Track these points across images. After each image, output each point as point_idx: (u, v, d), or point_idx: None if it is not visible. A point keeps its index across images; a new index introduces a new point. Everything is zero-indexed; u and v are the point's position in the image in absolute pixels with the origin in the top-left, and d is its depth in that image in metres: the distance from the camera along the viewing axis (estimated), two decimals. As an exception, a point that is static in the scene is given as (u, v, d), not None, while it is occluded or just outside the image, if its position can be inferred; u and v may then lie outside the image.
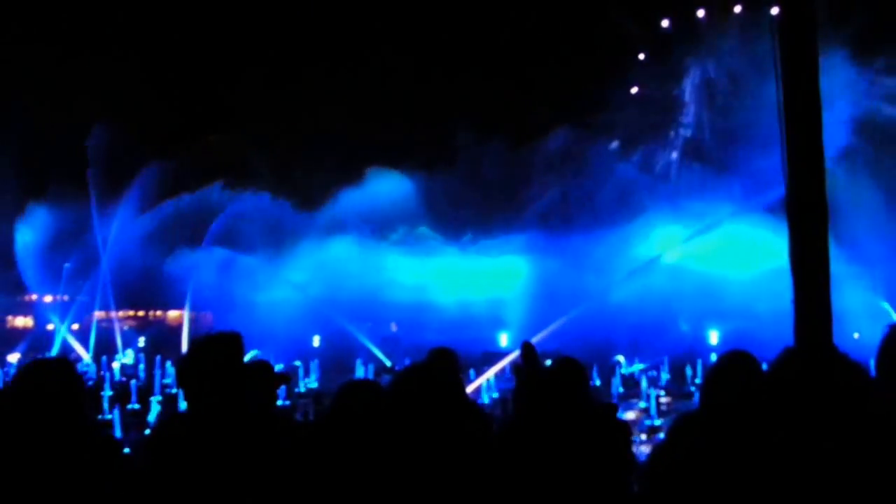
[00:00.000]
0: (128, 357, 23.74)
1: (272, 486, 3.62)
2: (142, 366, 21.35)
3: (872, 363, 3.94)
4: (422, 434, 3.69)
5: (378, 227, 27.58)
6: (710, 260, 24.06)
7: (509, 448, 4.43)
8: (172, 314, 30.63)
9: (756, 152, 26.88)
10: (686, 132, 32.14)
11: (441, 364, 5.18)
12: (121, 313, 28.97)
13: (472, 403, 4.25)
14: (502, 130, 28.19)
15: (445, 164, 28.22)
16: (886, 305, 24.04)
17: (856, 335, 19.03)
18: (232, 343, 3.65)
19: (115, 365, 21.75)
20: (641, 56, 33.31)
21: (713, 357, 19.08)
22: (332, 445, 3.82)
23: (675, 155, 31.12)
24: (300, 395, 17.95)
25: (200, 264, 26.07)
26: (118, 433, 11.77)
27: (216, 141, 30.12)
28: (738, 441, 3.89)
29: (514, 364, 10.43)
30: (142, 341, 26.22)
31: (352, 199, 27.14)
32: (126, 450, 4.34)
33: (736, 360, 4.27)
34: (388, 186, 27.24)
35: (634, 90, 33.43)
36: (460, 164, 28.32)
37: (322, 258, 26.08)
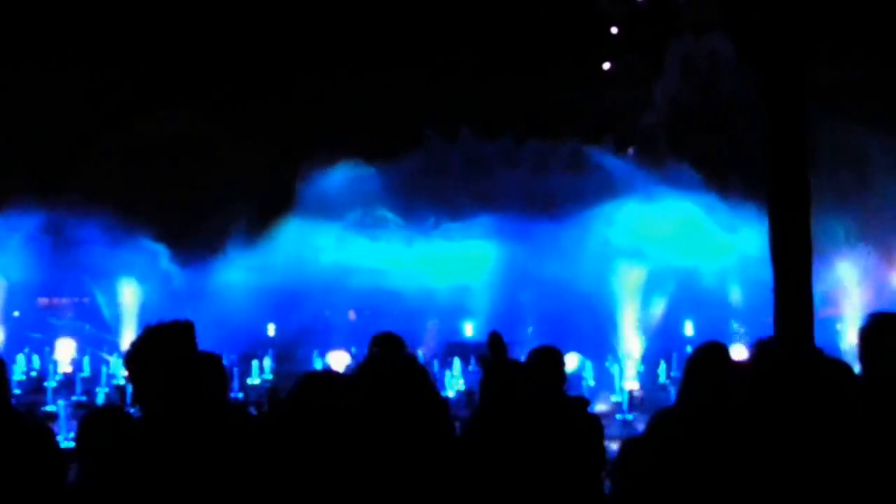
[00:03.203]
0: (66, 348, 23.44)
1: (226, 480, 3.61)
2: (86, 358, 21.12)
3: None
4: (385, 427, 3.70)
5: (335, 208, 27.46)
6: (679, 248, 24.32)
7: (475, 443, 4.46)
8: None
9: (730, 135, 27.19)
10: (660, 112, 32.34)
11: (401, 354, 5.19)
12: (65, 299, 28.67)
13: (436, 395, 4.28)
14: (472, 115, 28.27)
15: (410, 147, 28.27)
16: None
17: (838, 326, 19.38)
18: (184, 332, 3.63)
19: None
20: (614, 30, 33.42)
21: (688, 349, 19.32)
22: (290, 439, 3.82)
23: (647, 137, 31.32)
24: (254, 386, 17.90)
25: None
26: (63, 425, 11.69)
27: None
28: (716, 437, 3.94)
29: (480, 355, 10.46)
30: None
31: (314, 185, 27.08)
32: (70, 443, 4.32)
33: (711, 353, 4.33)
34: (349, 169, 27.18)
35: (607, 66, 33.54)
36: (424, 151, 28.37)
37: (275, 241, 25.97)
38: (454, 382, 17.04)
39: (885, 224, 23.17)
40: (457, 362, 18.04)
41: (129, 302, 25.08)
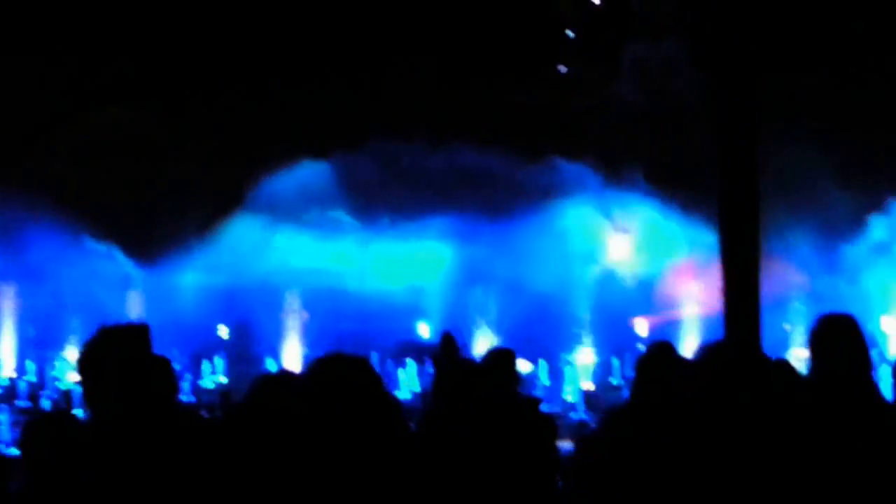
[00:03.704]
0: None
1: (177, 485, 3.62)
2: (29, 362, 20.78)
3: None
4: (339, 430, 3.73)
5: (290, 209, 27.35)
6: (633, 249, 24.64)
7: (427, 443, 4.50)
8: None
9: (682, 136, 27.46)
10: (616, 113, 32.61)
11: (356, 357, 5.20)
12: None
13: (389, 396, 4.31)
14: (423, 115, 28.25)
15: (363, 147, 28.19)
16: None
17: (787, 326, 19.69)
18: (139, 334, 3.63)
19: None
20: (570, 34, 33.66)
21: (640, 347, 19.55)
22: (245, 443, 3.83)
23: (601, 140, 31.56)
24: (206, 389, 17.77)
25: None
26: (6, 433, 11.52)
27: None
28: (667, 433, 4.02)
29: (433, 355, 10.52)
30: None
31: (267, 183, 26.92)
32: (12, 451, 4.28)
33: (661, 352, 4.43)
34: (303, 169, 27.05)
35: (563, 69, 33.79)
36: (377, 151, 28.30)
37: (228, 242, 25.77)
38: (409, 383, 17.07)
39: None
40: (411, 363, 18.08)
41: (75, 303, 24.74)
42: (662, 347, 4.53)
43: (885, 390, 4.34)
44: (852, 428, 3.96)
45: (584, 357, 19.32)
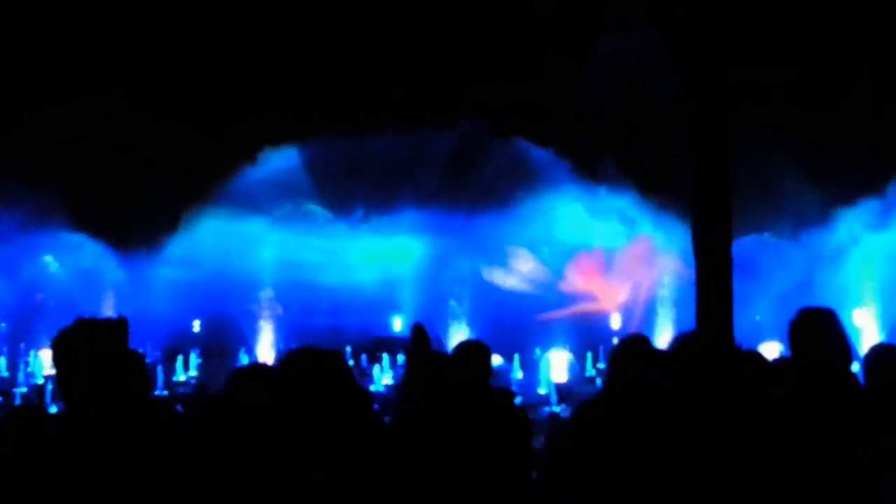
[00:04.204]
0: None
1: (151, 480, 3.62)
2: (2, 359, 20.59)
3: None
4: (311, 423, 3.74)
5: (261, 202, 27.21)
6: (602, 237, 24.79)
7: (400, 436, 4.52)
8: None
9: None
10: (589, 105, 32.69)
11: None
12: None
13: (360, 389, 4.32)
14: (397, 106, 28.23)
15: (340, 137, 28.12)
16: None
17: (757, 317, 19.87)
18: (117, 329, 3.63)
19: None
20: (542, 24, 33.68)
21: (614, 341, 19.65)
22: (219, 436, 3.84)
23: (572, 132, 31.64)
24: (179, 383, 17.69)
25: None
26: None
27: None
28: (641, 428, 4.06)
29: (405, 348, 10.51)
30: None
31: (240, 174, 26.80)
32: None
33: (635, 346, 4.46)
34: (277, 162, 26.96)
35: (537, 60, 33.80)
36: (353, 143, 28.22)
37: (201, 236, 25.63)
38: (382, 377, 17.08)
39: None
40: (385, 357, 18.09)
41: (48, 296, 24.53)
42: (636, 340, 4.56)
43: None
44: (830, 418, 4.01)
45: (558, 350, 19.39)
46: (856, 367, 4.51)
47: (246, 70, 30.98)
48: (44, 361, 17.42)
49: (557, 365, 18.08)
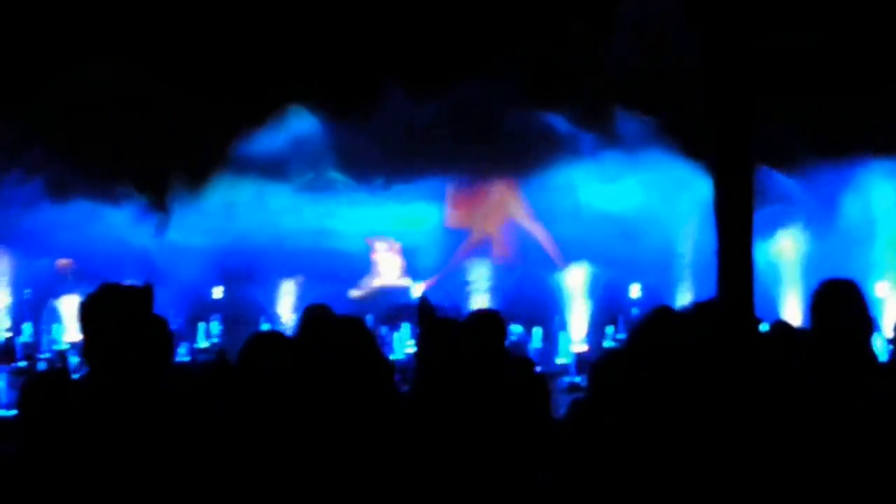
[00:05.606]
0: None
1: (173, 445, 3.66)
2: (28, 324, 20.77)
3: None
4: (328, 390, 3.76)
5: (283, 169, 27.25)
6: (628, 203, 24.58)
7: (419, 403, 4.55)
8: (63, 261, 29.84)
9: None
10: (611, 72, 32.41)
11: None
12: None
13: (381, 357, 4.35)
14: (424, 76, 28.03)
15: (365, 108, 28.00)
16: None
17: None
18: (143, 294, 3.66)
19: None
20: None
21: (634, 311, 19.61)
22: (240, 402, 3.88)
23: (595, 99, 31.41)
24: (202, 349, 17.83)
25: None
26: (2, 394, 11.57)
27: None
28: (664, 400, 4.06)
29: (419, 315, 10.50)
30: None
31: (261, 140, 26.82)
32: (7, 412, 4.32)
33: (661, 318, 4.46)
34: (300, 128, 26.94)
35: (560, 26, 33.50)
36: (379, 112, 28.10)
37: (219, 202, 25.72)
38: (403, 345, 17.15)
39: None
40: (405, 325, 18.14)
41: (68, 263, 24.71)
42: (661, 311, 4.54)
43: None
44: (850, 390, 4.01)
45: (578, 320, 19.39)
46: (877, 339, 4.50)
47: (270, 38, 30.83)
48: (67, 327, 17.59)
49: (577, 331, 18.13)
